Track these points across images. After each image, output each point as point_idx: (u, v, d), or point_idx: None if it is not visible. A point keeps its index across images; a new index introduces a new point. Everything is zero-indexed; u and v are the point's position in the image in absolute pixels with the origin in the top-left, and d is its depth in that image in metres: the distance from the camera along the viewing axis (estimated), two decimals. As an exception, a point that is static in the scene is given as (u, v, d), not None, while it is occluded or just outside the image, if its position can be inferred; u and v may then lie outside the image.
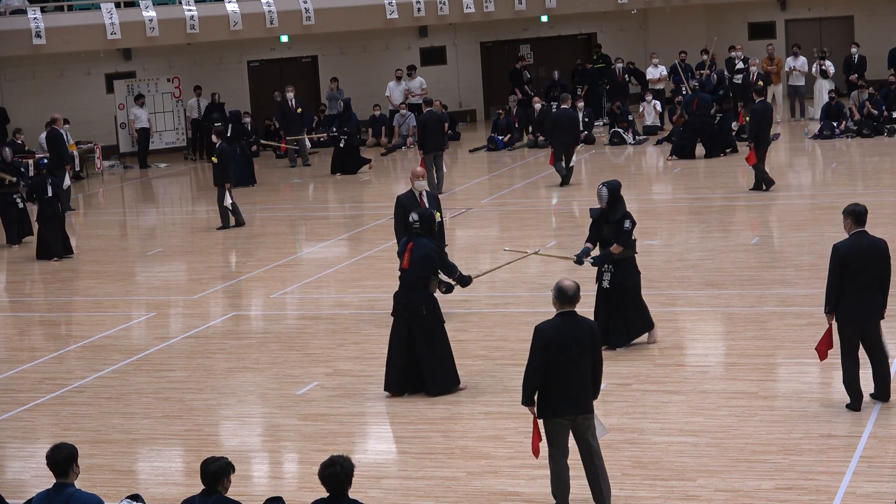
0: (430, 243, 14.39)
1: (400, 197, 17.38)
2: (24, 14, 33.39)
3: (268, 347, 16.76)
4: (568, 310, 10.72)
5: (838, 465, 11.56)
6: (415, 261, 14.23)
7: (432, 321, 14.30)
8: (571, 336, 10.61)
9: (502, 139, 34.61)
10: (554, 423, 10.71)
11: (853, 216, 12.96)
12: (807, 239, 21.13)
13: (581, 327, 10.68)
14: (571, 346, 10.59)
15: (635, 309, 15.55)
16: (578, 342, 10.62)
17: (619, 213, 15.42)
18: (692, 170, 30.00)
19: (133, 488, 11.87)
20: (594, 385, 10.79)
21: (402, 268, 14.38)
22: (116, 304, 20.04)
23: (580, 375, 10.64)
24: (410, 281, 14.27)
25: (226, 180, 25.04)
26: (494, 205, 26.38)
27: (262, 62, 38.69)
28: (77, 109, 35.01)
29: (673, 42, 39.91)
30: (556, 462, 10.80)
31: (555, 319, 10.73)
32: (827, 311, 12.92)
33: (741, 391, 13.77)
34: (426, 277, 14.25)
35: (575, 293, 10.72)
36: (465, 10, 37.26)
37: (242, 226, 25.39)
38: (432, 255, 14.29)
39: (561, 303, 10.73)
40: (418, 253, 14.24)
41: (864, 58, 36.47)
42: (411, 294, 14.23)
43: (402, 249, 14.47)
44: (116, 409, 14.57)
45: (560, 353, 10.57)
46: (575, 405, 10.66)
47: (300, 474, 12.36)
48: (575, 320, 10.70)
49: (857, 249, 12.79)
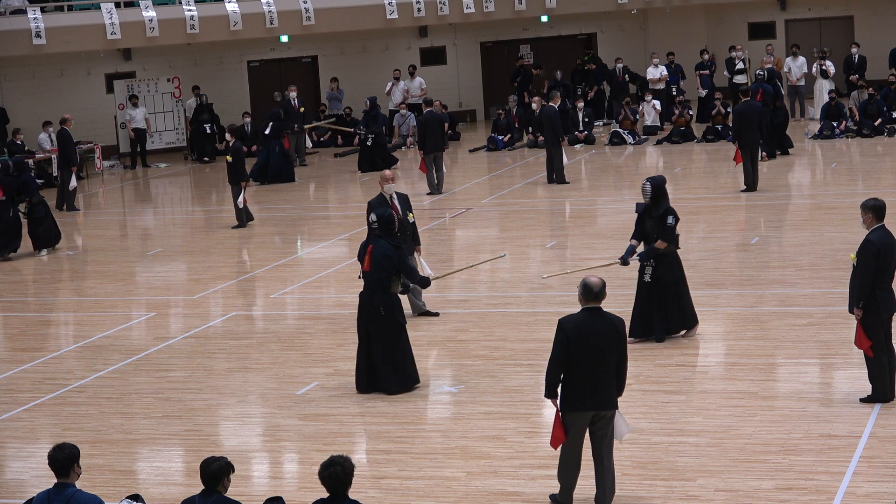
0: (389, 244, 14.55)
1: (371, 202, 17.43)
2: (24, 14, 33.39)
3: (268, 347, 16.76)
4: (593, 306, 10.77)
5: (838, 465, 11.56)
6: (375, 262, 14.42)
7: (390, 322, 14.39)
8: (594, 331, 10.66)
9: (502, 139, 34.62)
10: (572, 417, 10.73)
11: (874, 210, 12.91)
12: (807, 239, 21.13)
13: (605, 323, 10.74)
14: (593, 342, 10.64)
15: (677, 304, 15.69)
16: (601, 338, 10.66)
17: (662, 208, 15.61)
18: (692, 170, 30.01)
19: (133, 488, 11.87)
20: (618, 382, 10.82)
21: (363, 270, 14.57)
22: (116, 304, 20.04)
23: (603, 371, 10.68)
24: (372, 282, 14.43)
25: (241, 178, 25.01)
26: (494, 205, 26.38)
27: (262, 62, 38.69)
28: (77, 109, 34.98)
29: (673, 42, 39.89)
30: (567, 454, 10.84)
31: (579, 314, 10.80)
32: (859, 307, 12.80)
33: (741, 391, 13.77)
34: (387, 278, 14.36)
35: (600, 290, 10.79)
36: (465, 10, 37.26)
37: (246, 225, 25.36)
38: (391, 255, 14.45)
39: (586, 299, 10.80)
40: (378, 254, 14.45)
41: (864, 58, 36.48)
42: (372, 295, 14.44)
43: (363, 252, 14.62)
44: (116, 409, 14.57)
45: (581, 347, 10.62)
46: (596, 401, 10.71)
47: (300, 474, 12.36)
48: (599, 316, 10.76)
49: (888, 242, 12.79)
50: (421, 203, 26.94)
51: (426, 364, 15.63)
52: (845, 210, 22.95)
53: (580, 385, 10.67)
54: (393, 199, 17.39)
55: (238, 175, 24.99)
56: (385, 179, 17.47)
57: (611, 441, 10.87)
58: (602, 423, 10.78)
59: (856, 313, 12.88)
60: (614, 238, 22.35)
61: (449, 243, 23.40)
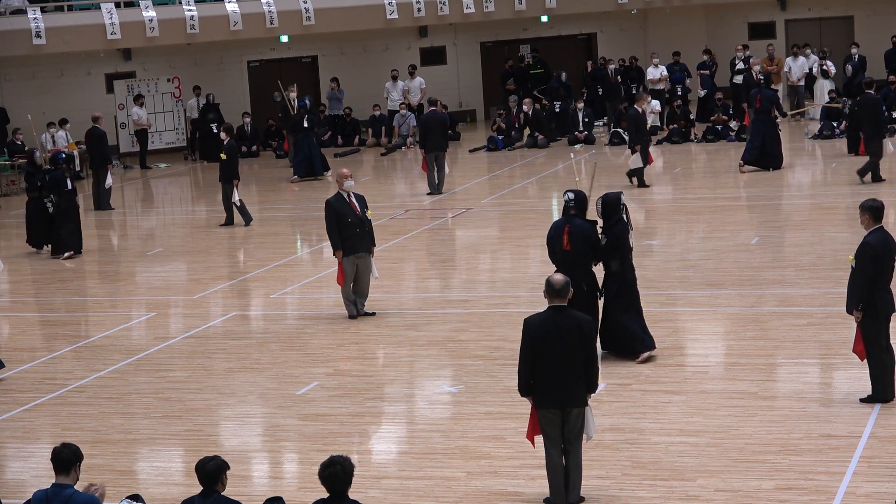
0: (586, 223, 14.76)
1: (329, 200, 17.55)
2: (24, 14, 33.40)
3: (268, 347, 16.76)
4: (557, 304, 10.80)
5: (838, 465, 11.56)
6: (574, 240, 14.61)
7: (591, 298, 14.75)
8: (557, 329, 10.71)
9: (502, 139, 34.61)
10: (542, 415, 10.82)
11: (871, 211, 12.88)
12: (807, 239, 21.12)
13: (569, 321, 10.77)
14: (557, 339, 10.69)
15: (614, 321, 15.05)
16: (564, 336, 10.70)
17: (609, 222, 15.00)
18: (692, 170, 30.02)
19: (133, 488, 11.86)
20: (587, 379, 10.85)
21: (561, 248, 14.67)
22: (116, 304, 20.05)
23: (568, 369, 10.72)
24: (570, 260, 14.55)
25: (233, 177, 25.16)
26: (494, 205, 26.38)
27: (262, 62, 38.69)
28: (77, 109, 35.00)
29: (673, 42, 39.89)
30: (547, 451, 10.93)
31: (543, 312, 10.89)
32: (858, 308, 12.76)
33: (741, 391, 13.77)
34: (585, 256, 14.64)
35: (562, 287, 10.82)
36: (465, 10, 37.26)
37: (249, 223, 25.37)
38: (591, 233, 14.71)
39: (550, 296, 10.87)
40: (576, 232, 14.60)
41: (864, 58, 36.47)
42: (572, 271, 13.58)
43: (559, 232, 14.66)
44: (116, 409, 14.57)
45: (545, 345, 10.70)
46: (562, 398, 10.76)
47: (300, 474, 12.36)
48: (563, 314, 10.80)
49: (886, 244, 12.79)
50: (421, 203, 26.94)
51: (426, 364, 15.64)
52: (845, 210, 22.95)
53: (545, 383, 10.75)
54: (351, 197, 17.48)
55: (231, 173, 25.14)
56: (343, 177, 17.58)
57: (579, 437, 10.90)
58: (571, 419, 10.83)
59: (855, 315, 12.86)
60: (614, 238, 22.36)
61: (449, 243, 23.40)
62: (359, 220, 17.44)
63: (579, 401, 10.81)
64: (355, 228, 17.43)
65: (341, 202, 17.49)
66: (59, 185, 23.67)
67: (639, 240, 22.10)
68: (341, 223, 17.43)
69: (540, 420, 10.86)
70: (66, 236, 23.49)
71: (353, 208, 17.47)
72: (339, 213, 17.43)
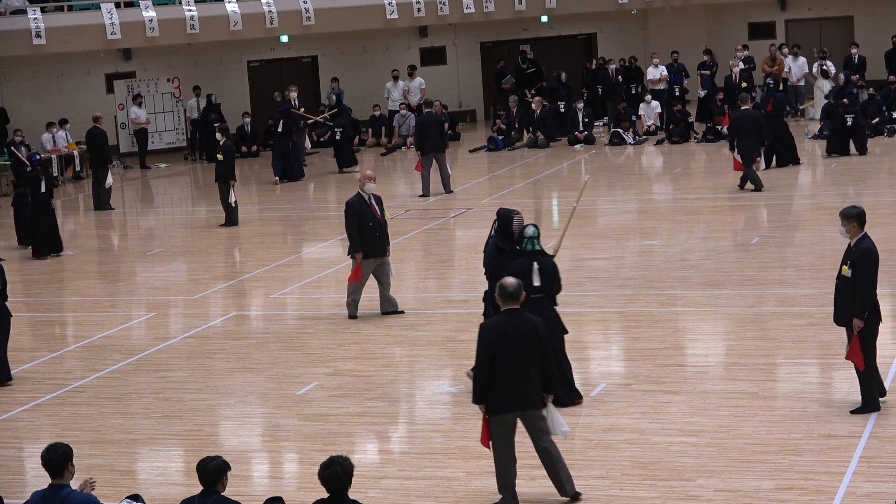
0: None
1: (350, 202, 17.44)
2: (24, 14, 33.39)
3: (268, 347, 16.76)
4: (511, 306, 10.81)
5: (838, 465, 11.56)
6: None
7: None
8: (516, 332, 10.72)
9: (502, 139, 34.61)
10: (497, 420, 10.83)
11: (859, 218, 12.77)
12: (807, 239, 21.12)
13: (526, 324, 10.79)
14: (515, 342, 10.70)
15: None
16: (522, 339, 10.72)
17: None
18: (692, 169, 30.02)
19: (133, 488, 11.86)
20: (545, 381, 10.87)
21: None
22: (116, 304, 20.05)
23: (525, 372, 10.75)
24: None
25: (230, 177, 25.19)
26: (494, 205, 26.33)
27: (262, 62, 38.69)
28: (77, 110, 35.00)
29: (673, 42, 39.89)
30: (499, 457, 10.94)
31: (500, 316, 10.88)
32: (863, 318, 12.54)
33: (741, 391, 13.77)
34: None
35: (516, 290, 10.82)
36: (465, 10, 37.26)
37: (235, 225, 25.42)
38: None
39: (504, 300, 10.85)
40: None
41: (864, 58, 36.46)
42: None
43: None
44: (116, 409, 14.57)
45: (504, 349, 10.68)
46: (520, 401, 10.78)
47: (300, 474, 12.36)
48: (519, 316, 10.81)
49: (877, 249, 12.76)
50: (416, 204, 26.93)
51: (426, 364, 15.64)
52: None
53: (502, 387, 10.73)
54: (371, 200, 17.42)
55: (228, 174, 25.18)
56: (367, 179, 17.47)
57: (547, 434, 10.95)
58: (532, 420, 10.89)
59: (856, 325, 12.60)
60: (614, 238, 22.38)
61: (449, 243, 23.41)
62: (378, 224, 17.40)
63: (537, 403, 10.88)
64: (375, 232, 17.35)
65: (362, 204, 17.37)
66: (31, 187, 23.74)
67: (639, 240, 22.15)
68: (361, 226, 17.31)
69: (494, 426, 10.84)
70: (42, 238, 23.49)
71: (374, 211, 17.41)
72: (360, 216, 17.34)
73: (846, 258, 12.79)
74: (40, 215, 23.51)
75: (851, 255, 12.72)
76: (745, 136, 25.61)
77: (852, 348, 12.66)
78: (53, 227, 23.77)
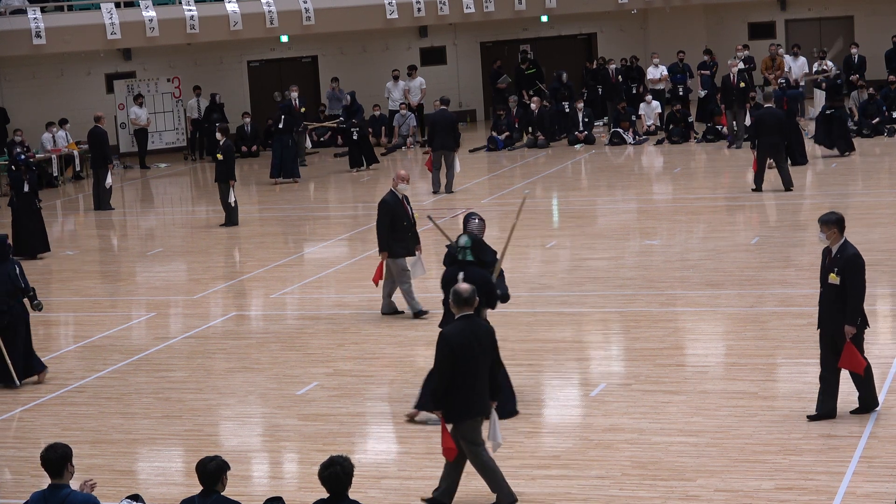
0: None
1: (386, 199, 17.57)
2: (24, 14, 33.39)
3: (268, 347, 16.76)
4: (466, 312, 10.83)
5: (838, 465, 11.56)
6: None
7: None
8: (475, 338, 10.76)
9: (502, 139, 34.62)
10: (470, 425, 10.84)
11: (839, 224, 12.57)
12: (807, 239, 21.11)
13: (481, 328, 10.88)
14: (475, 348, 10.74)
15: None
16: (481, 344, 10.78)
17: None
18: (692, 169, 30.01)
19: (133, 488, 11.86)
20: (492, 386, 10.92)
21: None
22: (116, 304, 20.05)
23: (483, 378, 10.80)
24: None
25: (230, 177, 25.21)
26: (494, 205, 26.35)
27: (262, 62, 38.69)
28: (77, 110, 35.01)
29: (672, 42, 39.89)
30: (482, 458, 10.95)
31: (458, 323, 10.86)
32: (856, 324, 12.42)
33: (741, 391, 13.77)
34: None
35: (470, 296, 10.83)
36: (465, 10, 37.26)
37: (235, 225, 25.42)
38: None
39: (458, 306, 10.86)
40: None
41: (864, 58, 36.46)
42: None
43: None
44: (116, 409, 14.57)
45: (466, 355, 10.70)
46: (482, 406, 10.85)
47: (300, 474, 12.36)
48: (475, 322, 10.87)
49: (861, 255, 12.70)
50: (422, 203, 26.91)
51: (427, 364, 15.62)
52: (844, 210, 22.88)
53: (468, 392, 10.73)
54: (405, 199, 17.56)
55: (228, 173, 25.20)
56: (401, 179, 17.64)
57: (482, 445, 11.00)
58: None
59: (849, 332, 12.42)
60: (614, 238, 22.37)
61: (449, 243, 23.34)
62: (411, 224, 17.51)
63: (488, 410, 10.95)
64: (408, 231, 17.47)
65: (396, 203, 17.48)
66: (16, 187, 23.74)
67: (639, 240, 22.14)
68: (395, 224, 17.39)
69: (466, 431, 10.82)
70: (27, 238, 23.45)
71: (407, 211, 17.53)
72: (395, 214, 17.44)
73: (832, 266, 12.50)
74: (24, 215, 23.48)
75: (838, 263, 12.46)
76: (766, 134, 25.48)
77: (845, 356, 12.47)
78: (39, 227, 23.71)
